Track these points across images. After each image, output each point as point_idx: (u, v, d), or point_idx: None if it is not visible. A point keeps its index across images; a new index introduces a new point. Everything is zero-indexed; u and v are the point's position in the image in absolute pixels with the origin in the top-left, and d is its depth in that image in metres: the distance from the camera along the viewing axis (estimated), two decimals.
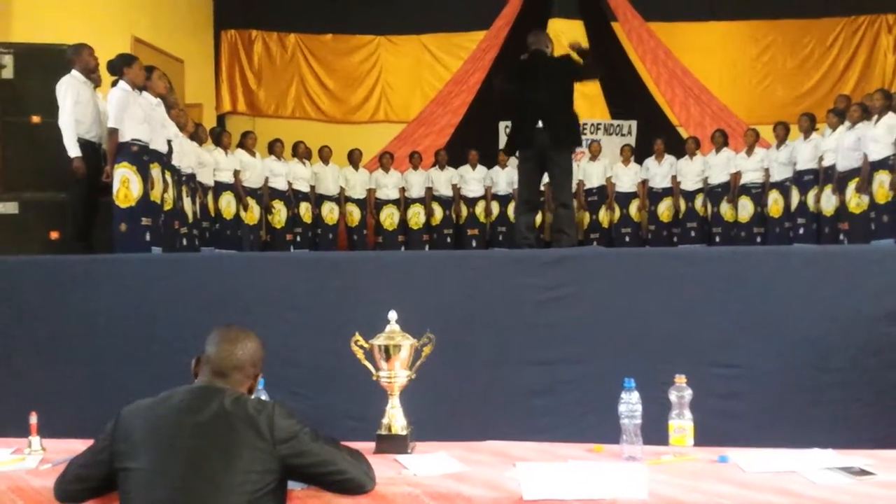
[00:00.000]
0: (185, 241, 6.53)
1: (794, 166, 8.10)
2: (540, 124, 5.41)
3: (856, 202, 7.12)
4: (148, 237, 5.33)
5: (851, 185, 7.16)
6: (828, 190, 7.58)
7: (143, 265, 3.96)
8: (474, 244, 9.38)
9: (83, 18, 7.40)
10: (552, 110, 5.44)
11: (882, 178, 6.79)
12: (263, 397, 2.33)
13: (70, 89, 5.36)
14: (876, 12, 10.39)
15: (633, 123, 10.59)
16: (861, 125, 7.17)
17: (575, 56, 5.68)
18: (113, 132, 5.31)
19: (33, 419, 2.48)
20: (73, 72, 5.47)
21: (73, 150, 5.33)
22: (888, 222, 6.69)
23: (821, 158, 7.76)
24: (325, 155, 9.29)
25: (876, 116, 6.98)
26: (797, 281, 3.40)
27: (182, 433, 1.86)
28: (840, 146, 7.36)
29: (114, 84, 5.53)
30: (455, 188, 9.60)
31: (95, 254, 5.05)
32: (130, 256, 4.56)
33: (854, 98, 8.31)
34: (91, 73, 5.57)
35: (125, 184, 5.27)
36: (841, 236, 7.33)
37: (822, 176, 7.73)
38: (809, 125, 8.09)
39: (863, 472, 2.09)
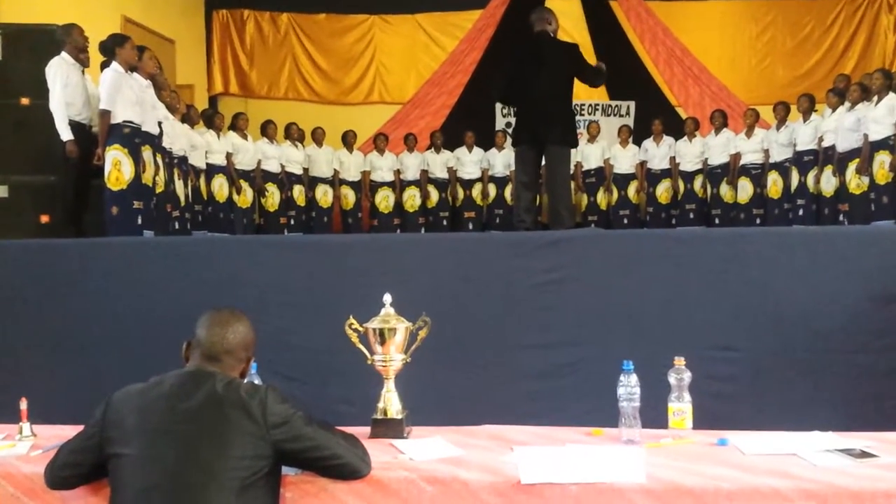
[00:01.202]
0: (177, 225, 6.49)
1: (794, 147, 8.06)
2: (538, 115, 5.34)
3: (856, 183, 7.09)
4: (140, 220, 5.29)
5: (851, 166, 7.13)
6: (828, 171, 7.55)
7: (135, 249, 3.92)
8: (471, 227, 9.34)
9: None
10: (552, 99, 5.36)
11: (882, 159, 6.76)
12: (257, 381, 2.30)
13: (59, 71, 5.30)
14: None
15: (632, 104, 10.52)
16: (861, 105, 7.13)
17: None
18: (105, 114, 5.25)
19: (23, 405, 2.46)
20: (63, 53, 5.41)
21: (66, 134, 5.28)
22: (888, 203, 6.67)
23: (821, 139, 7.73)
24: (318, 137, 9.21)
25: (876, 97, 6.93)
26: (796, 262, 3.38)
27: (173, 418, 1.84)
28: (840, 127, 7.32)
29: (104, 65, 5.46)
30: (451, 171, 9.53)
31: (86, 237, 5.02)
32: (122, 240, 4.53)
33: (854, 78, 8.25)
34: (81, 54, 5.50)
35: (117, 166, 5.22)
36: (841, 217, 7.31)
37: (822, 157, 7.70)
38: (809, 106, 8.04)
39: (864, 455, 2.08)
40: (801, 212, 7.90)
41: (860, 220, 6.83)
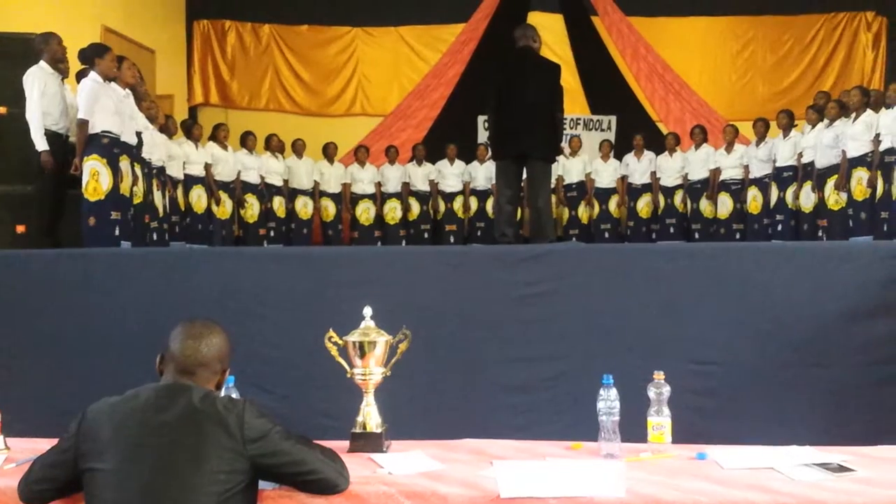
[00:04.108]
0: (155, 236, 6.44)
1: (774, 163, 8.15)
2: (522, 129, 5.34)
3: (834, 199, 7.17)
4: (117, 231, 5.24)
5: (830, 182, 7.21)
6: (807, 187, 7.63)
7: (112, 260, 3.88)
8: (452, 240, 9.33)
9: (52, 7, 7.26)
10: (536, 114, 5.38)
11: (860, 176, 6.84)
12: (234, 395, 2.27)
13: (37, 81, 5.26)
14: (855, 10, 10.49)
15: (613, 119, 10.60)
16: (839, 122, 7.21)
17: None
18: (83, 124, 5.21)
19: None
20: (41, 62, 5.37)
21: (41, 144, 5.23)
22: (866, 219, 6.73)
23: (800, 155, 7.81)
24: (298, 148, 9.18)
25: (854, 114, 7.01)
26: (775, 277, 3.41)
27: (149, 432, 1.81)
28: (819, 143, 7.40)
29: (82, 74, 5.42)
30: (433, 183, 9.54)
31: (63, 248, 4.95)
32: (98, 251, 4.48)
33: (833, 95, 8.36)
34: (59, 63, 5.45)
35: (95, 176, 5.18)
36: (819, 233, 7.39)
37: (801, 173, 7.78)
38: (788, 122, 8.13)
39: (841, 469, 2.09)
40: (780, 227, 7.98)
41: (838, 236, 6.91)
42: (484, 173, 9.29)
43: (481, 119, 10.15)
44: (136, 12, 9.19)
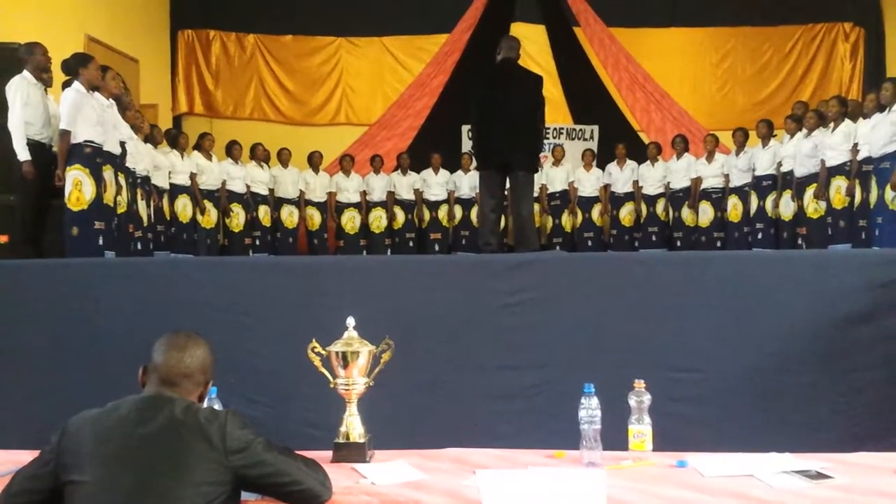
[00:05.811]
0: (139, 245, 6.41)
1: (753, 172, 8.22)
2: (505, 140, 5.36)
3: (813, 207, 7.23)
4: (101, 241, 5.22)
5: (809, 191, 7.27)
6: (786, 195, 7.69)
7: (95, 270, 3.87)
8: (437, 248, 9.35)
9: (35, 16, 7.23)
10: (519, 125, 5.41)
11: (839, 184, 6.90)
12: (217, 405, 2.27)
13: (20, 91, 5.24)
14: (833, 20, 10.61)
15: (595, 128, 10.65)
16: (818, 132, 7.28)
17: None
18: (65, 134, 5.19)
19: None
20: (25, 72, 5.35)
21: (23, 154, 5.21)
22: (845, 227, 6.80)
23: (779, 164, 7.88)
24: (283, 157, 9.19)
25: (832, 124, 7.08)
26: (756, 285, 3.45)
27: (130, 444, 1.80)
28: (798, 152, 7.47)
29: (66, 84, 5.40)
30: (417, 192, 9.56)
31: (46, 258, 4.93)
32: (82, 261, 4.46)
33: (812, 104, 8.45)
34: (43, 73, 5.43)
35: (77, 186, 5.16)
36: (799, 241, 7.45)
37: (781, 181, 7.85)
38: (767, 131, 8.20)
39: (820, 476, 2.11)
40: (760, 235, 8.04)
41: (818, 244, 6.97)
42: (468, 182, 9.32)
43: (465, 128, 10.16)
44: (120, 22, 9.16)
